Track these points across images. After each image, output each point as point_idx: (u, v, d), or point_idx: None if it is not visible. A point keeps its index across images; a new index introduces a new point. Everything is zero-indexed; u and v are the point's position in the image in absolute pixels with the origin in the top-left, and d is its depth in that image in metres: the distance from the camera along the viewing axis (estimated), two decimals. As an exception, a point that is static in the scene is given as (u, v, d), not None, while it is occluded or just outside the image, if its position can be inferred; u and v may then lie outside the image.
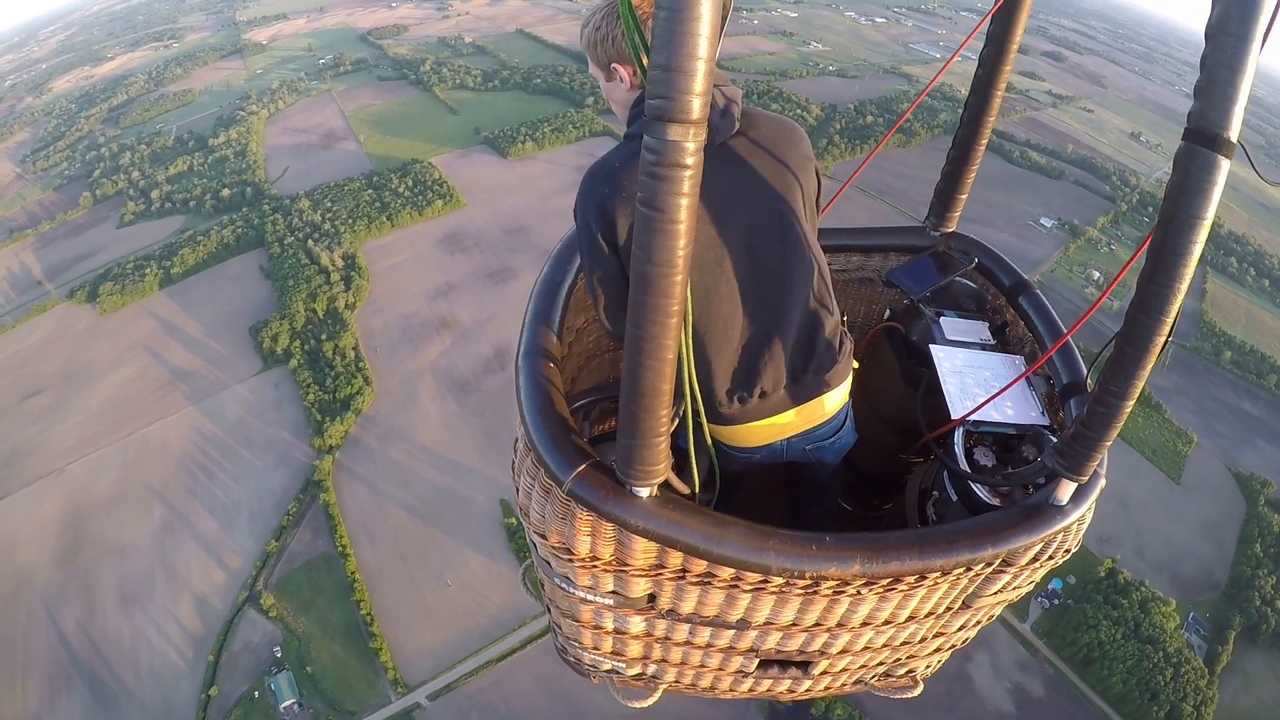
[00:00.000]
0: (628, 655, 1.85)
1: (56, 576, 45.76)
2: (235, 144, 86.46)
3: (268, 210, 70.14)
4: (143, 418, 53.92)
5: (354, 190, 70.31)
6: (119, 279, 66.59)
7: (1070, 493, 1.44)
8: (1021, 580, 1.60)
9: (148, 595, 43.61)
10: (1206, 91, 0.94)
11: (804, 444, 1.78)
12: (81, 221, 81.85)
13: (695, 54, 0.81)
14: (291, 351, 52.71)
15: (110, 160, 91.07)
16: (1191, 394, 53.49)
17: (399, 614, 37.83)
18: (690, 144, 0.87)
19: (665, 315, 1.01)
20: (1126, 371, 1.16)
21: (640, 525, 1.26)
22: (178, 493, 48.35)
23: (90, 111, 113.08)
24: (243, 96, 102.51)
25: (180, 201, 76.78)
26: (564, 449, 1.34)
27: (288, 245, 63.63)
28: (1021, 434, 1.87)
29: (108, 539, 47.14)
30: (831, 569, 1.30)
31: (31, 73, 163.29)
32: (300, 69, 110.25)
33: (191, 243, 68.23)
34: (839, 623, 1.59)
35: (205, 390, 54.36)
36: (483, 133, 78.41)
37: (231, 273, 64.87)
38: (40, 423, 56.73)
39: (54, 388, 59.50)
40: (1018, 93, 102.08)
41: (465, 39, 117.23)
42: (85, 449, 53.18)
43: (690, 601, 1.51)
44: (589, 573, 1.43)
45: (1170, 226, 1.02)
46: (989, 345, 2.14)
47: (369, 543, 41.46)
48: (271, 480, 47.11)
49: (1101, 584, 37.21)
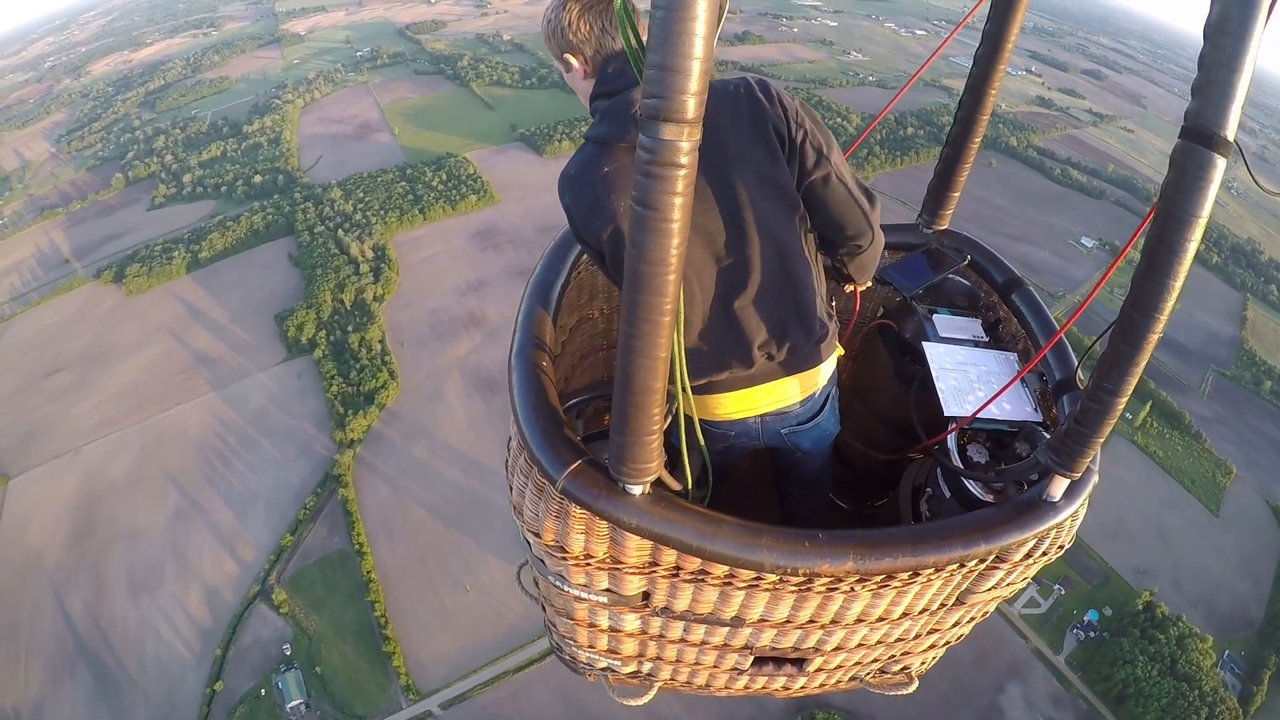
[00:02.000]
0: (623, 653, 1.91)
1: (66, 558, 46.66)
2: (269, 131, 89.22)
3: (299, 198, 72.01)
4: (163, 401, 55.11)
5: (387, 182, 71.98)
6: (146, 261, 68.65)
7: (1063, 488, 1.49)
8: (1015, 576, 1.65)
9: (157, 583, 44.19)
10: (1204, 90, 0.98)
11: (779, 426, 1.80)
12: (112, 202, 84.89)
13: (691, 54, 0.84)
14: (317, 341, 53.68)
15: (144, 143, 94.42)
16: (1231, 424, 53.09)
17: (415, 617, 37.83)
18: (685, 143, 0.91)
19: (658, 314, 1.04)
20: (1121, 368, 1.21)
21: (633, 523, 1.31)
22: (194, 480, 49.09)
23: (127, 95, 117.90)
24: (279, 85, 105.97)
25: (212, 186, 79.24)
26: (557, 447, 1.39)
27: (318, 234, 65.18)
28: (1015, 430, 1.94)
29: (120, 523, 47.98)
30: (824, 566, 1.35)
31: (71, 55, 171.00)
32: (337, 60, 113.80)
33: (221, 228, 70.22)
34: (833, 619, 1.64)
35: (227, 377, 55.44)
36: (519, 129, 80.00)
37: (260, 259, 66.49)
38: (60, 401, 58.42)
39: (76, 366, 61.26)
40: (1058, 109, 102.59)
41: (504, 36, 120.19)
42: (104, 430, 54.47)
43: (684, 599, 1.56)
44: (583, 571, 1.48)
45: (1166, 224, 1.06)
46: (982, 342, 2.22)
47: (387, 541, 41.71)
48: (290, 472, 47.67)
49: (1139, 617, 37.05)
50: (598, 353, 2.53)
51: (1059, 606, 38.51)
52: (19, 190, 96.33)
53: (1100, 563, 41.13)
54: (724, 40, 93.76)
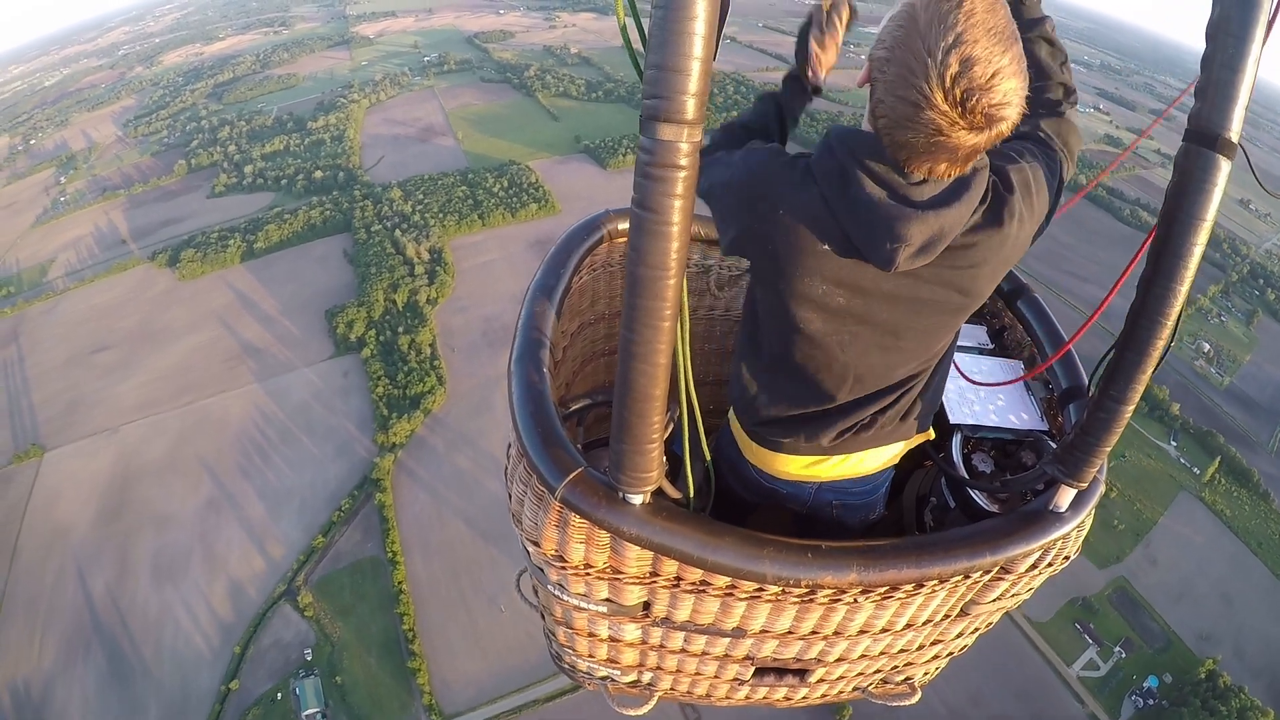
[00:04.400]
0: (622, 662, 1.97)
1: (93, 536, 48.05)
2: (333, 129, 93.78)
3: (358, 196, 75.26)
4: (206, 388, 57.11)
5: (448, 185, 74.78)
6: (202, 247, 72.03)
7: (1070, 499, 1.53)
8: (1020, 587, 1.70)
9: (182, 572, 45.11)
10: (1207, 92, 1.02)
11: (833, 495, 1.78)
12: (173, 188, 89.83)
13: (691, 53, 0.87)
14: (365, 340, 55.36)
15: (209, 133, 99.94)
16: (1300, 484, 51.89)
17: (444, 634, 37.96)
18: (685, 144, 0.93)
19: (658, 319, 1.07)
20: (1127, 376, 1.26)
21: (633, 533, 1.35)
22: (229, 470, 50.46)
23: (196, 86, 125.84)
24: (345, 85, 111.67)
25: (272, 179, 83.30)
26: (556, 455, 1.42)
27: (374, 233, 67.73)
28: (1021, 439, 2.00)
29: (151, 507, 49.35)
30: (827, 577, 1.39)
31: (144, 45, 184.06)
32: (405, 64, 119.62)
33: (278, 220, 73.51)
34: (836, 630, 1.68)
35: (273, 369, 57.32)
36: (583, 141, 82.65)
37: (315, 254, 69.30)
38: (105, 379, 61.12)
39: (124, 346, 64.07)
40: (1123, 148, 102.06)
41: (571, 49, 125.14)
42: (144, 411, 56.53)
43: (685, 609, 1.60)
44: (582, 580, 1.52)
45: (1171, 228, 1.10)
46: (987, 349, 2.30)
47: (421, 552, 42.13)
48: (328, 471, 48.65)
49: (1200, 686, 36.57)
50: (600, 358, 2.59)
51: (1119, 671, 38.13)
52: (83, 170, 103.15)
53: (1163, 625, 40.65)
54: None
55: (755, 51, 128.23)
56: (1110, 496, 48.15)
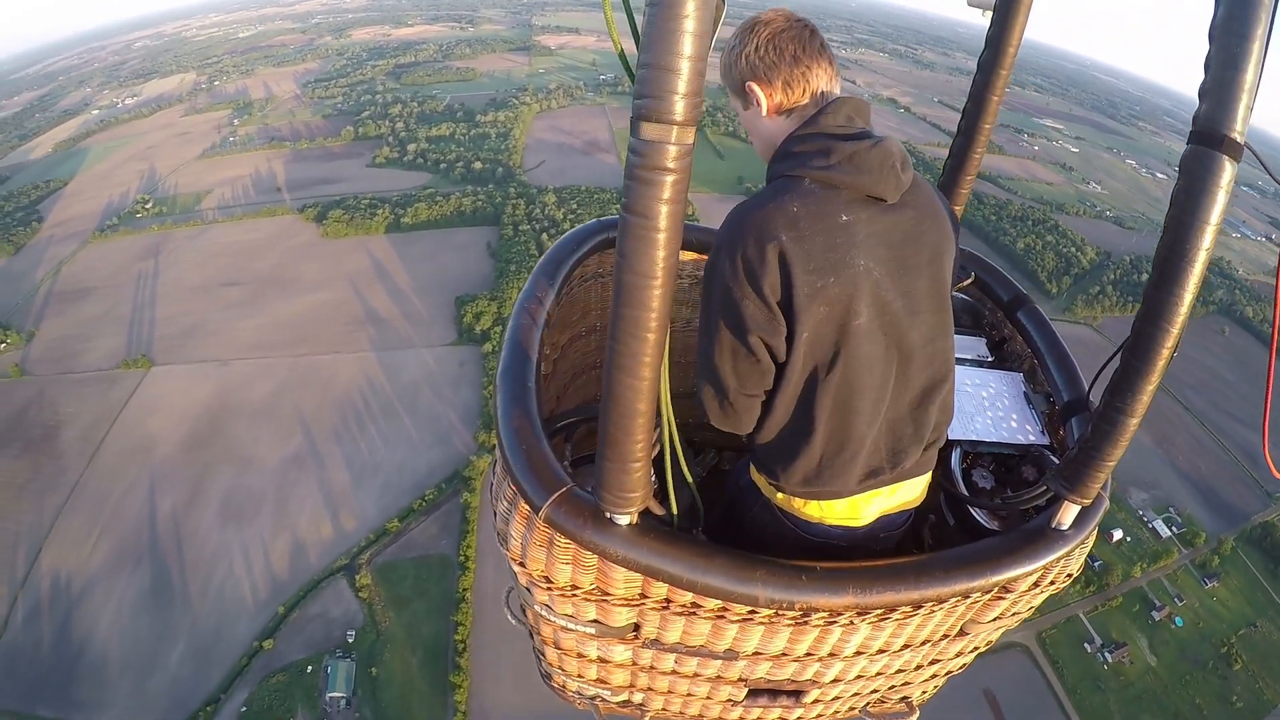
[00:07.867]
0: (612, 683, 2.04)
1: (175, 458, 52.07)
2: (500, 125, 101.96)
3: (513, 193, 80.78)
4: (322, 344, 61.58)
5: (603, 200, 78.94)
6: (351, 210, 78.95)
7: (1073, 516, 1.56)
8: (1020, 606, 1.76)
9: (250, 517, 47.97)
10: (1211, 92, 1.06)
11: (879, 530, 1.80)
12: (336, 150, 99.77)
13: (682, 52, 0.92)
14: (490, 335, 58.27)
15: (381, 107, 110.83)
16: None
17: (495, 656, 38.04)
18: (675, 146, 0.97)
19: (644, 329, 1.11)
20: (1133, 386, 1.29)
21: (619, 554, 1.39)
22: (324, 430, 53.73)
23: (378, 63, 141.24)
24: (520, 87, 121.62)
25: (432, 160, 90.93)
26: (540, 473, 1.47)
27: (521, 231, 72.27)
28: (1021, 454, 2.07)
29: (238, 445, 53.07)
30: (822, 600, 1.43)
31: (338, 19, 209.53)
32: (580, 78, 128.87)
33: (430, 200, 79.91)
34: (831, 652, 1.74)
35: (391, 342, 61.30)
36: (745, 183, 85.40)
37: (458, 240, 74.52)
38: (228, 312, 66.87)
39: (253, 285, 70.14)
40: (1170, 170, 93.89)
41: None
42: (257, 352, 61.34)
43: (675, 631, 1.64)
44: (569, 601, 1.56)
45: (1177, 232, 1.14)
46: (986, 361, 2.39)
47: (495, 565, 42.21)
48: (420, 458, 50.91)
49: None
50: (591, 371, 2.67)
51: None
52: (257, 117, 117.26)
53: None
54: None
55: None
56: (1234, 669, 43.88)
